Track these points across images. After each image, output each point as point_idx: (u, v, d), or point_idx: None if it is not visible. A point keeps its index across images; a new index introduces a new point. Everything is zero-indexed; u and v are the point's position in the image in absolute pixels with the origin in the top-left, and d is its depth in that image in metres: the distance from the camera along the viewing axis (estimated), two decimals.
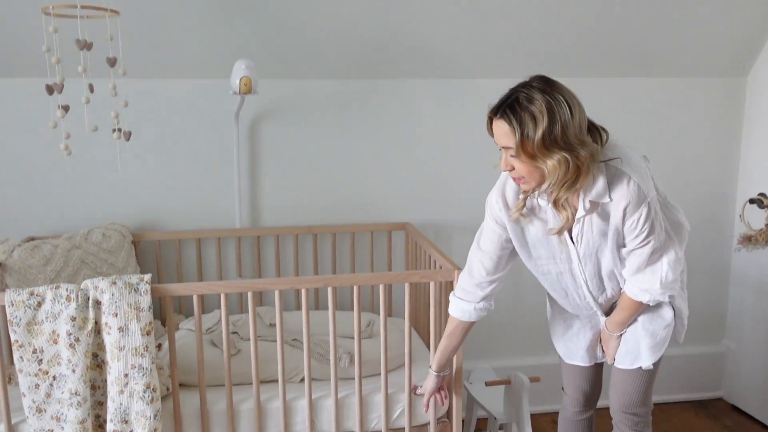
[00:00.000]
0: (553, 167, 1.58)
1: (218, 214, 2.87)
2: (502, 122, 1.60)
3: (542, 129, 1.55)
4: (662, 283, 1.75)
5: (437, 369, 2.11)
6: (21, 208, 2.73)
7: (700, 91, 3.10)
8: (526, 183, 1.68)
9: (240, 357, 2.28)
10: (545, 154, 1.58)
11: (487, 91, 2.87)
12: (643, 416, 1.97)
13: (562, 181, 1.61)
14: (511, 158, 1.63)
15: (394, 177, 2.97)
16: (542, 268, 1.91)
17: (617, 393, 1.96)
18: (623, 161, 1.66)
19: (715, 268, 3.29)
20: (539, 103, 1.56)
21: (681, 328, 1.92)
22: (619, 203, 1.66)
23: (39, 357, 1.93)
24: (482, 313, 1.99)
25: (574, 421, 2.15)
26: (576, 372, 2.08)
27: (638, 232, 1.69)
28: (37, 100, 2.57)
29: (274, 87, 2.78)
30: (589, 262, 1.81)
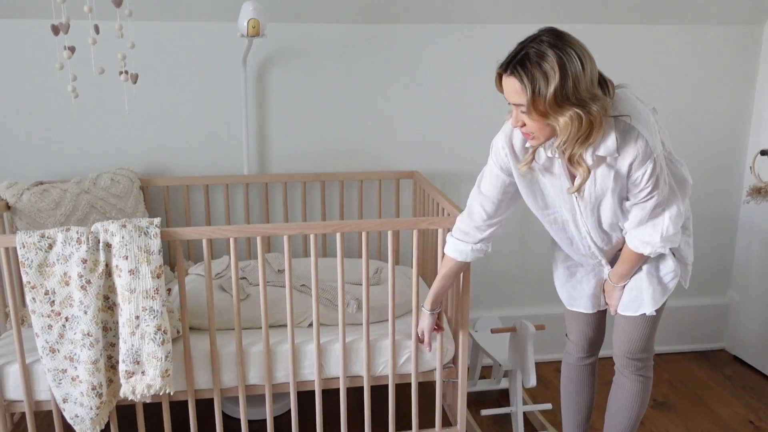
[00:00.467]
0: (565, 124, 1.56)
1: (226, 161, 2.86)
2: (513, 79, 1.56)
3: (554, 86, 1.51)
4: (663, 237, 1.76)
5: (431, 308, 2.15)
6: (29, 152, 2.73)
7: (715, 39, 3.03)
8: (535, 139, 1.66)
9: (249, 301, 2.31)
10: (557, 111, 1.55)
11: (498, 37, 2.87)
12: (646, 361, 2.00)
13: (575, 137, 1.59)
14: (522, 114, 1.61)
15: (402, 125, 2.94)
16: (548, 217, 1.91)
17: (621, 339, 1.99)
18: (633, 117, 1.64)
19: (723, 219, 3.28)
20: (551, 59, 1.52)
21: (685, 273, 1.94)
22: (625, 158, 1.65)
23: (51, 298, 1.95)
24: (479, 254, 2.00)
25: (577, 366, 2.19)
26: (580, 319, 2.11)
27: (642, 186, 1.68)
28: (43, 41, 2.54)
29: (282, 31, 2.73)
30: (590, 215, 1.82)
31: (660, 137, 1.70)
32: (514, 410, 2.59)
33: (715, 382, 3.07)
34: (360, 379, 2.26)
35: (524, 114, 1.60)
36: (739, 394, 2.97)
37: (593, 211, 1.80)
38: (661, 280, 1.90)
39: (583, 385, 2.20)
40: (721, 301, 3.37)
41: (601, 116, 1.58)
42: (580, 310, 2.08)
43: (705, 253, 3.29)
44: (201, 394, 2.19)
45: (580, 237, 1.90)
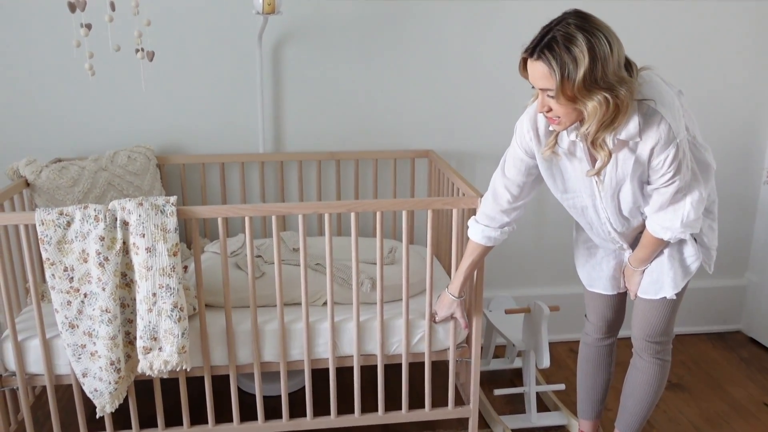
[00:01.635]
0: (593, 108, 1.54)
1: (242, 139, 2.86)
2: (540, 63, 1.53)
3: (583, 70, 1.49)
4: (683, 222, 1.74)
5: (459, 294, 2.14)
6: (47, 129, 2.75)
7: (734, 15, 2.96)
8: (561, 124, 1.64)
9: (264, 280, 2.32)
10: (585, 95, 1.53)
11: (517, 14, 2.83)
12: (664, 344, 2.00)
13: (601, 121, 1.57)
14: (549, 99, 1.59)
15: (418, 103, 2.93)
16: (568, 201, 1.91)
17: (640, 321, 1.98)
18: (657, 101, 1.61)
19: (743, 200, 3.24)
20: (579, 43, 1.49)
21: (709, 259, 1.92)
22: (647, 142, 1.63)
23: (70, 275, 1.98)
24: (505, 236, 2.01)
25: (596, 347, 2.19)
26: (599, 300, 2.10)
27: (664, 171, 1.66)
28: (60, 18, 2.54)
29: (297, 7, 2.71)
30: (610, 201, 1.80)
31: (684, 121, 1.68)
32: (527, 390, 2.60)
33: (731, 364, 3.06)
34: (373, 358, 2.28)
35: (551, 99, 1.58)
36: (754, 376, 2.96)
37: (613, 197, 1.79)
38: (683, 262, 1.89)
39: (600, 365, 2.20)
40: (739, 282, 3.34)
41: (627, 100, 1.56)
42: (599, 291, 2.08)
43: (723, 234, 3.23)
44: (217, 370, 2.22)
45: (599, 222, 1.89)
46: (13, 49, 2.65)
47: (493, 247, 2.05)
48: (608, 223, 1.86)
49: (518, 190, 1.90)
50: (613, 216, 1.84)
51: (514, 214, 1.96)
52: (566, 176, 1.84)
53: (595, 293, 2.10)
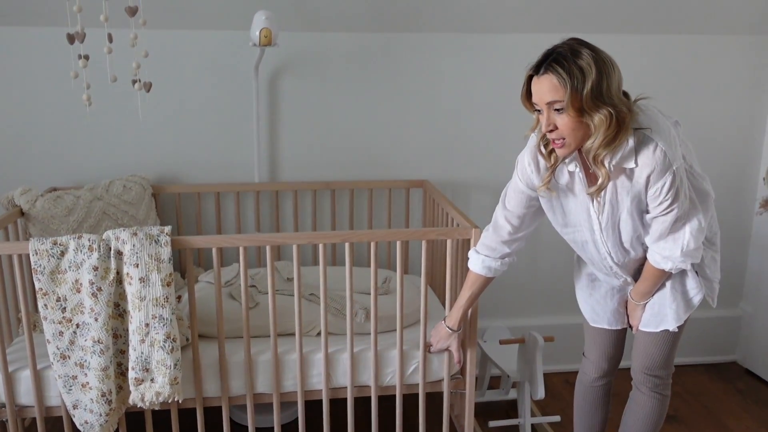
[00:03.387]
0: (600, 122, 1.56)
1: (237, 168, 2.87)
2: (550, 76, 1.56)
3: (591, 81, 1.52)
4: (683, 251, 1.74)
5: (457, 327, 2.13)
6: (43, 158, 2.76)
7: (726, 49, 3.01)
8: (566, 146, 1.63)
9: (258, 310, 2.32)
10: (592, 108, 1.55)
11: (509, 47, 2.88)
12: (664, 378, 1.98)
13: (604, 136, 1.58)
14: (556, 115, 1.59)
15: (413, 133, 2.95)
16: (569, 236, 1.92)
17: (640, 354, 1.97)
18: (653, 130, 1.63)
19: (736, 231, 3.26)
20: (585, 56, 1.54)
21: (711, 291, 1.92)
22: (644, 170, 1.64)
23: (63, 305, 1.97)
24: (505, 268, 2.01)
25: (593, 387, 2.15)
26: (602, 335, 2.07)
27: (662, 199, 1.67)
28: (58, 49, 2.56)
29: (294, 39, 2.75)
30: (611, 234, 1.80)
31: (681, 150, 1.69)
32: (522, 422, 2.58)
33: (727, 396, 3.05)
34: (367, 389, 2.26)
35: (558, 114, 1.58)
36: (750, 408, 2.95)
37: (614, 228, 1.79)
38: (685, 295, 1.88)
39: (598, 405, 2.17)
40: (733, 313, 3.34)
41: (628, 120, 1.59)
42: (604, 326, 2.05)
43: None
44: (209, 401, 2.20)
45: (600, 258, 1.89)
46: (10, 79, 2.67)
47: (493, 279, 2.04)
48: (609, 258, 1.86)
49: (519, 222, 1.91)
50: (614, 249, 1.84)
51: (515, 246, 1.96)
52: (566, 210, 1.84)
53: (597, 329, 2.07)
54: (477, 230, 2.14)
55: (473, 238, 2.14)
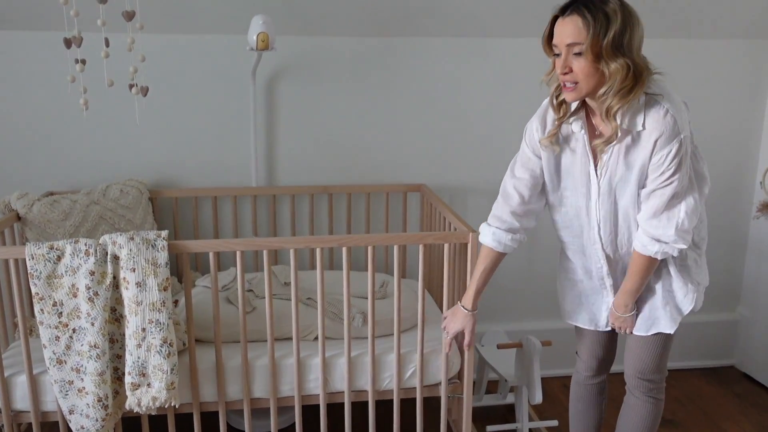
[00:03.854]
0: (616, 70, 1.57)
1: (234, 172, 2.87)
2: (575, 17, 1.57)
3: (615, 29, 1.55)
4: (677, 229, 1.71)
5: (472, 306, 2.06)
6: (39, 163, 2.75)
7: (724, 53, 3.02)
8: (576, 90, 1.63)
9: (255, 314, 2.31)
10: (610, 56, 1.57)
11: (505, 51, 2.88)
12: (657, 382, 1.98)
13: (619, 87, 1.59)
14: (573, 58, 1.60)
15: (410, 137, 2.95)
16: (565, 200, 1.87)
17: (632, 359, 1.97)
18: (665, 97, 1.65)
19: (733, 235, 3.26)
20: (613, 5, 1.56)
21: (698, 295, 1.91)
22: (652, 134, 1.64)
23: (59, 310, 1.97)
24: (515, 244, 1.95)
25: (586, 385, 2.16)
26: (589, 336, 2.08)
27: (664, 168, 1.65)
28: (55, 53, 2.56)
29: (291, 43, 2.75)
30: (607, 200, 1.78)
31: (689, 126, 1.69)
32: (519, 426, 2.57)
33: (725, 400, 3.05)
34: (365, 394, 2.26)
35: (576, 57, 1.59)
36: (748, 412, 2.94)
37: (611, 195, 1.77)
38: (674, 297, 1.87)
39: (592, 405, 2.17)
40: (731, 317, 3.34)
41: (645, 76, 1.61)
42: (579, 324, 2.04)
43: (714, 268, 3.24)
44: (206, 406, 2.19)
45: (589, 228, 1.85)
46: (6, 82, 2.67)
47: (504, 256, 1.99)
48: (597, 228, 1.83)
49: (528, 191, 1.89)
50: (605, 219, 1.81)
51: (524, 221, 1.93)
52: (566, 171, 1.83)
53: (583, 329, 2.08)
54: (474, 234, 2.14)
55: (470, 242, 2.14)
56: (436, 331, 2.32)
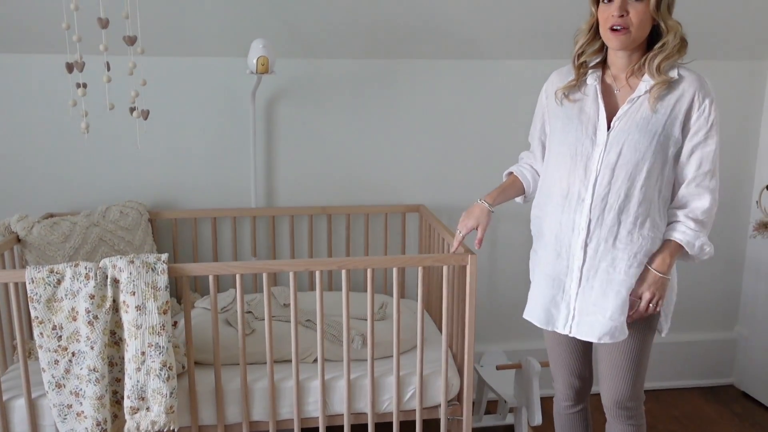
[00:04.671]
0: (673, 25, 1.66)
1: (234, 194, 2.88)
2: None
3: None
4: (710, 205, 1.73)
5: (492, 202, 2.01)
6: (40, 185, 2.76)
7: (720, 74, 3.05)
8: (625, 36, 1.66)
9: (254, 337, 2.31)
10: (667, 15, 1.66)
11: (503, 73, 2.91)
12: (635, 409, 1.91)
13: (672, 45, 1.67)
14: (633, 3, 1.64)
15: (408, 158, 2.97)
16: (566, 147, 1.80)
17: (608, 389, 1.89)
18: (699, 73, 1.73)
19: (730, 253, 3.27)
20: None
21: (664, 318, 1.85)
22: (689, 89, 1.69)
23: (58, 333, 1.97)
24: (531, 189, 2.02)
25: (567, 415, 2.07)
26: (562, 360, 2.00)
27: (704, 121, 1.68)
28: (55, 75, 2.58)
29: (290, 66, 2.77)
30: (613, 150, 1.71)
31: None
32: None
33: (724, 419, 3.04)
34: (364, 416, 2.25)
35: (634, 3, 1.64)
36: (748, 431, 2.94)
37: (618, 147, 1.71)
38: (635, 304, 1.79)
39: None
40: (729, 335, 3.35)
41: (686, 43, 1.70)
42: (533, 321, 1.94)
43: (712, 287, 3.28)
44: (205, 429, 2.19)
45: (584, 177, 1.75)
46: (7, 105, 2.69)
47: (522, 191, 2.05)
48: (593, 181, 1.73)
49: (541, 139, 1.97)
50: (604, 171, 1.72)
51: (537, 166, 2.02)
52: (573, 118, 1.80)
53: (555, 341, 1.98)
54: (473, 256, 2.15)
55: (469, 264, 2.15)
56: (435, 352, 2.32)
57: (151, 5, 2.35)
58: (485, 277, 3.06)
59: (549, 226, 1.86)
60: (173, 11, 2.54)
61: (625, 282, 1.77)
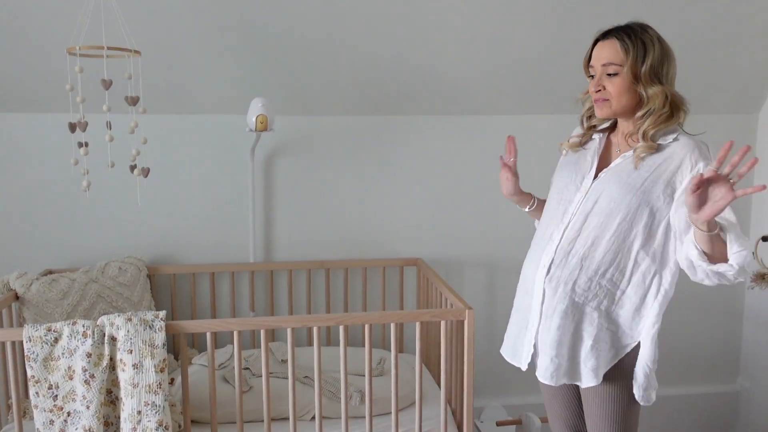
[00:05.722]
0: (654, 94, 1.67)
1: (232, 249, 2.90)
2: (613, 41, 1.69)
3: (653, 56, 1.66)
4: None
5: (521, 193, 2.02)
6: (40, 241, 2.78)
7: (713, 127, 3.06)
8: (606, 106, 1.71)
9: (252, 394, 2.29)
10: (648, 81, 1.67)
11: (497, 128, 2.96)
12: None
13: (659, 113, 1.68)
14: (606, 79, 1.69)
15: (405, 212, 3.00)
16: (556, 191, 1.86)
17: None
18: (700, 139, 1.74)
19: (729, 305, 3.27)
20: (652, 36, 1.68)
21: (648, 383, 1.74)
22: (680, 151, 1.69)
23: (54, 393, 1.95)
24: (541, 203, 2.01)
25: None
26: (557, 414, 1.98)
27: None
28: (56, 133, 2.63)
29: (289, 123, 2.83)
30: (591, 198, 1.74)
31: None
32: None
33: None
34: None
35: (609, 78, 1.69)
36: None
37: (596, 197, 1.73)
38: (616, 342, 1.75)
39: None
40: (732, 388, 3.31)
41: (680, 103, 1.70)
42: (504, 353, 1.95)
43: (712, 338, 3.27)
44: None
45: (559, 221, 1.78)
46: (9, 163, 2.73)
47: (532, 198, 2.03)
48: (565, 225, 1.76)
49: None
50: (577, 219, 1.75)
51: None
52: (570, 165, 1.85)
53: (547, 391, 1.96)
54: (471, 311, 2.15)
55: (467, 319, 2.15)
56: (435, 408, 2.30)
57: (153, 65, 2.41)
58: (484, 331, 3.05)
59: (525, 263, 1.90)
60: (175, 71, 2.61)
61: (581, 329, 1.75)
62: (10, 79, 2.56)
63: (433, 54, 2.68)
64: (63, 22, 2.28)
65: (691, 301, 3.11)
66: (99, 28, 1.97)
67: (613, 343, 1.76)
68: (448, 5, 2.51)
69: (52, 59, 2.40)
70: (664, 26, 1.82)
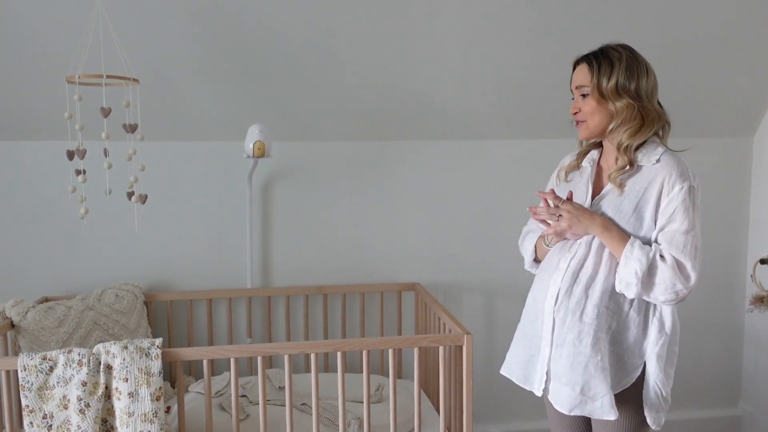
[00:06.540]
0: (621, 109, 1.73)
1: (230, 274, 2.89)
2: (584, 65, 1.79)
3: (618, 73, 1.73)
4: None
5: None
6: (36, 268, 2.77)
7: (708, 151, 3.12)
8: (584, 128, 1.80)
9: (249, 422, 2.27)
10: (615, 96, 1.73)
11: (495, 153, 2.98)
12: None
13: (628, 125, 1.73)
14: (581, 100, 1.79)
15: (403, 237, 2.99)
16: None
17: None
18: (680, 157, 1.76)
19: (728, 329, 3.26)
20: (619, 55, 1.75)
21: (659, 405, 1.75)
22: (660, 173, 1.71)
23: (49, 423, 1.93)
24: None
25: None
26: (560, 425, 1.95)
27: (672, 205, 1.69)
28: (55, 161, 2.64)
29: (286, 149, 2.84)
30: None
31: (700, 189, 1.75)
32: None
33: None
34: None
35: (583, 99, 1.78)
36: None
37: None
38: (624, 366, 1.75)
39: None
40: (733, 412, 3.28)
41: (653, 115, 1.75)
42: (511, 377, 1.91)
43: (712, 362, 3.25)
44: None
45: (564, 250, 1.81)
46: (6, 190, 2.73)
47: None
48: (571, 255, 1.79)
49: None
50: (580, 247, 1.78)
51: None
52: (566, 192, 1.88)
53: (555, 417, 1.93)
54: (469, 336, 2.14)
55: (465, 344, 2.13)
56: None
57: (151, 92, 2.43)
58: (483, 356, 3.03)
59: (532, 291, 1.92)
60: (173, 98, 2.62)
61: (592, 358, 1.73)
62: (10, 106, 2.58)
63: (430, 80, 2.70)
64: (62, 50, 2.30)
65: (690, 324, 3.10)
66: (98, 56, 1.99)
67: (621, 367, 1.76)
68: (446, 31, 2.54)
69: (51, 87, 2.41)
70: (657, 50, 1.85)
